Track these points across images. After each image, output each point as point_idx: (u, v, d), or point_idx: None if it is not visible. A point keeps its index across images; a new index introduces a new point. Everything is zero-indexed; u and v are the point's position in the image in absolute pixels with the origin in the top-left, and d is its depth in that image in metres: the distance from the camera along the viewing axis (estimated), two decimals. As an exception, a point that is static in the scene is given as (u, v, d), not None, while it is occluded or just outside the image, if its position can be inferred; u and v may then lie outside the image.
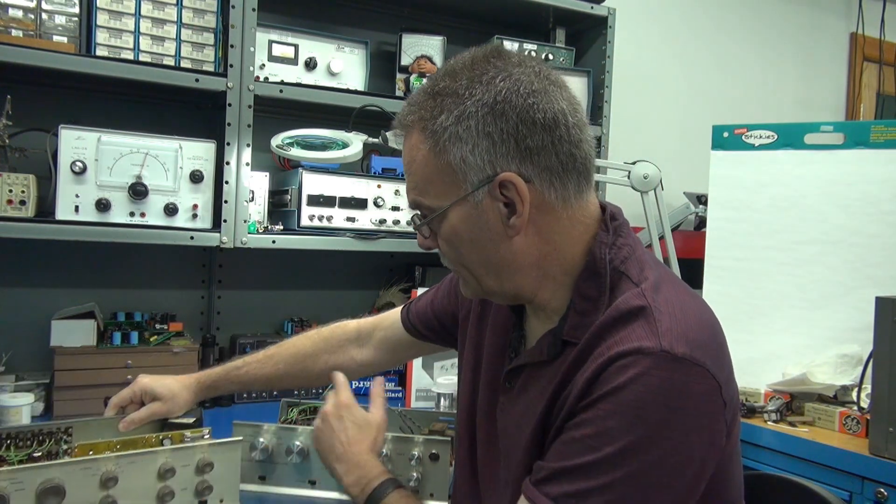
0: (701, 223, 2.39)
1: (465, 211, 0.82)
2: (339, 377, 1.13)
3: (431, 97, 0.82)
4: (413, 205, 0.87)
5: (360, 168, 1.87)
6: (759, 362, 1.76)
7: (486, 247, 0.83)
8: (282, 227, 1.74)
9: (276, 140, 1.73)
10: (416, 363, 1.88)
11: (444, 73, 0.83)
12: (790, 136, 1.89)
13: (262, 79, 1.74)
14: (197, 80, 1.59)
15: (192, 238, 1.59)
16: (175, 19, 1.63)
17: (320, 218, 1.73)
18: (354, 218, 1.77)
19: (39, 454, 1.05)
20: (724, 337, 0.82)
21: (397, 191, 1.81)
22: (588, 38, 2.20)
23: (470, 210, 0.81)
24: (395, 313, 1.27)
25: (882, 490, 1.40)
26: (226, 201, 1.62)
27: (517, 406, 0.89)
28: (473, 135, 0.79)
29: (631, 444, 0.71)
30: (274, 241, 1.68)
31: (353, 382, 1.89)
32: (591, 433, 0.73)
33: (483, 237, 0.82)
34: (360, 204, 1.78)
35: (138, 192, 1.52)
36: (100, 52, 1.57)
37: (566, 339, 0.82)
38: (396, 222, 1.81)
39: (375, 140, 1.80)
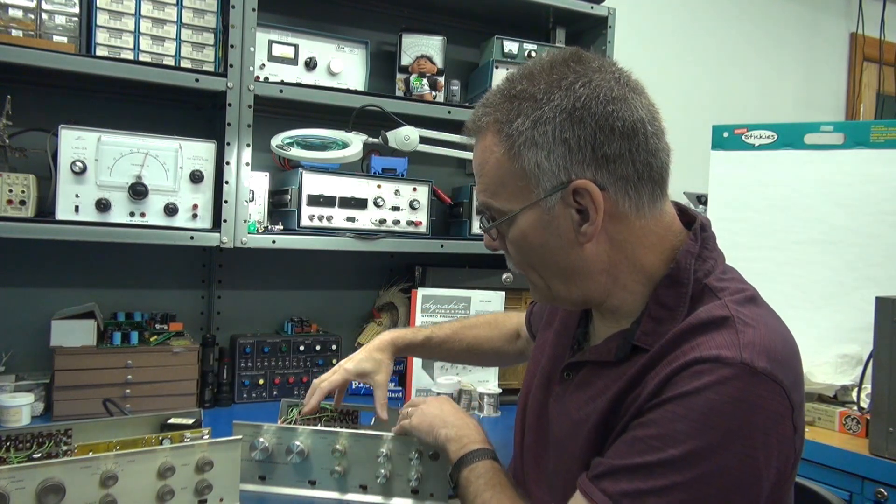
0: (701, 223, 2.39)
1: (536, 216, 0.82)
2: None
3: (508, 100, 0.82)
4: (483, 206, 0.87)
5: (360, 168, 1.87)
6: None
7: (556, 252, 0.83)
8: (282, 227, 1.74)
9: (276, 140, 1.73)
10: (417, 363, 1.88)
11: (522, 76, 0.82)
12: (790, 136, 1.89)
13: (262, 79, 1.74)
14: (197, 80, 1.59)
15: (192, 238, 1.59)
16: (175, 19, 1.63)
17: (320, 218, 1.73)
18: (354, 218, 1.77)
19: (39, 456, 1.04)
20: (802, 364, 0.80)
21: (397, 191, 1.81)
22: (588, 38, 2.20)
23: (541, 215, 0.81)
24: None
25: (882, 490, 1.40)
26: (226, 201, 1.62)
27: (574, 399, 0.89)
28: (549, 140, 0.78)
29: (695, 449, 0.70)
30: (274, 241, 1.68)
31: (353, 383, 1.90)
32: (656, 434, 0.72)
33: (553, 243, 0.82)
34: (360, 204, 1.78)
35: (138, 192, 1.52)
36: (100, 52, 1.57)
37: (637, 343, 0.81)
38: (396, 222, 1.81)
39: (375, 140, 1.80)
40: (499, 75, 2.04)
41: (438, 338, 1.37)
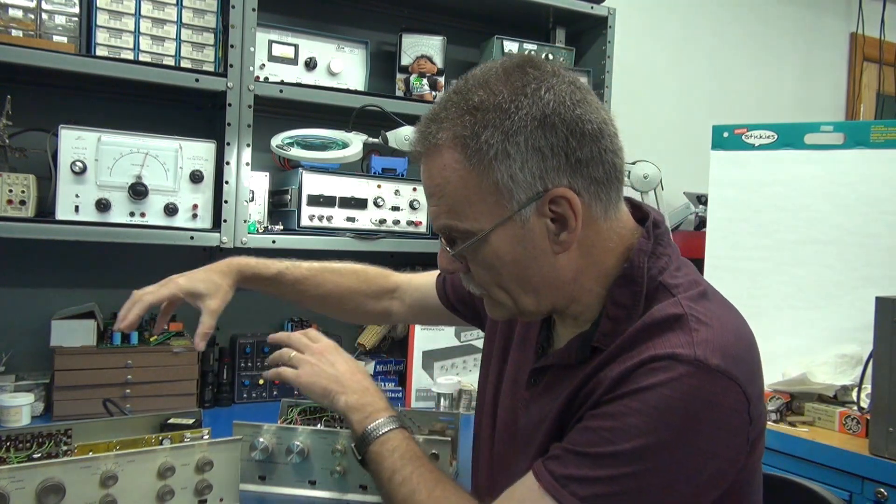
0: (701, 223, 2.39)
1: (509, 231, 0.78)
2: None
3: (468, 112, 0.77)
4: (444, 230, 0.82)
5: (360, 168, 1.87)
6: (759, 362, 1.76)
7: (529, 266, 0.80)
8: (282, 227, 1.74)
9: (276, 140, 1.73)
10: (417, 363, 1.88)
11: (476, 85, 0.78)
12: (790, 136, 1.89)
13: (262, 79, 1.74)
14: (197, 80, 1.59)
15: (192, 238, 1.59)
16: (175, 19, 1.63)
17: (320, 218, 1.73)
18: (354, 218, 1.77)
19: (39, 456, 1.05)
20: (759, 354, 0.80)
21: (397, 191, 1.81)
22: (588, 38, 2.20)
23: (515, 230, 0.78)
24: (431, 276, 1.27)
25: (882, 490, 1.40)
26: (226, 201, 1.62)
27: (539, 404, 0.89)
28: (523, 150, 0.75)
29: (647, 444, 0.71)
30: (274, 241, 1.68)
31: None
32: (610, 426, 0.73)
33: (526, 256, 0.79)
34: (360, 204, 1.78)
35: (138, 192, 1.52)
36: (100, 52, 1.57)
37: (596, 345, 0.81)
38: (396, 222, 1.81)
39: (375, 140, 1.81)
40: (499, 75, 2.04)
41: (293, 275, 1.26)
